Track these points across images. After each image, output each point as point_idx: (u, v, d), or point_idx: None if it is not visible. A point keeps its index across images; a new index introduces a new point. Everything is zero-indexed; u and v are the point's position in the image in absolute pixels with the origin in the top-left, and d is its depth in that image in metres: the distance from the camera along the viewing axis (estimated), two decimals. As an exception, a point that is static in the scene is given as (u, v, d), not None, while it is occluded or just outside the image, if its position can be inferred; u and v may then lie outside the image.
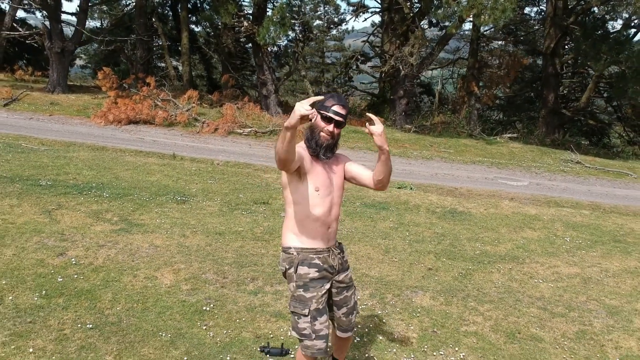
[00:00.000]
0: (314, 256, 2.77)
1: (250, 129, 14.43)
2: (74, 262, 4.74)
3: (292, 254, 2.77)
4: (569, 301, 4.96)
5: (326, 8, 24.60)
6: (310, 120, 2.47)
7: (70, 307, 3.99)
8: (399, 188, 9.33)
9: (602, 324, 4.55)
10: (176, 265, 4.82)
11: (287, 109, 19.29)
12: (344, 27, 28.29)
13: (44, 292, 4.18)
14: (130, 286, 4.40)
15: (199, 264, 4.90)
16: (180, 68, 26.10)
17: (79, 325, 3.73)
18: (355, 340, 3.88)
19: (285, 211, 2.85)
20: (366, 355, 3.74)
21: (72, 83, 19.12)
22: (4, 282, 4.26)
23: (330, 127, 2.67)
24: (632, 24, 16.79)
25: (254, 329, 3.92)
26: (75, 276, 4.49)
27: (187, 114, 14.69)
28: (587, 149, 18.81)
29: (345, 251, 2.98)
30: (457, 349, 3.95)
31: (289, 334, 3.88)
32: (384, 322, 4.23)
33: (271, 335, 3.84)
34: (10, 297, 4.05)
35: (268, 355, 3.58)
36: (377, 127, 2.66)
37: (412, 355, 3.81)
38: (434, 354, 3.86)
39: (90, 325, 3.74)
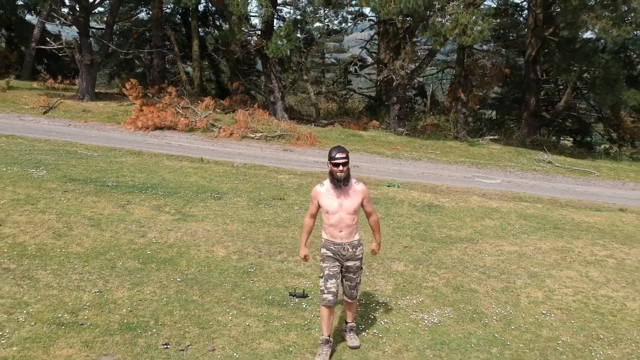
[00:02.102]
0: (331, 245, 4.68)
1: (261, 134, 16.41)
2: (154, 241, 6.75)
3: (323, 241, 4.76)
4: (503, 268, 6.98)
5: (326, 11, 26.48)
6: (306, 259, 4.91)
7: (161, 269, 6.01)
8: (388, 186, 11.31)
9: (522, 283, 6.57)
10: (225, 243, 6.84)
11: (292, 113, 21.26)
12: (342, 29, 30.13)
13: (140, 260, 6.19)
14: (196, 256, 6.42)
15: (241, 243, 6.91)
16: (190, 72, 28.05)
17: (171, 279, 5.75)
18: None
19: None
20: (358, 299, 5.74)
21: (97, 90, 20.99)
22: (112, 254, 6.28)
23: (340, 168, 4.46)
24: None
25: (283, 283, 5.95)
26: (158, 250, 6.50)
27: (206, 121, 16.68)
28: (562, 148, 20.80)
29: (359, 249, 4.74)
30: (418, 296, 5.97)
31: (307, 285, 5.91)
32: (370, 279, 6.24)
33: (295, 286, 5.86)
34: (120, 263, 6.07)
35: (294, 297, 5.59)
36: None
37: (388, 299, 5.83)
38: (402, 298, 5.88)
39: (179, 279, 5.76)
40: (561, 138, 29.91)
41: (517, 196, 12.13)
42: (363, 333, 5.10)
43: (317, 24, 26.83)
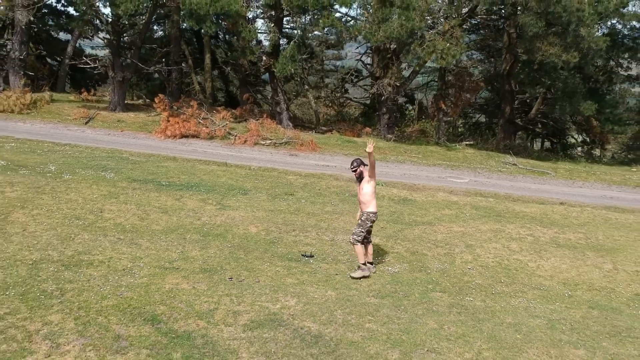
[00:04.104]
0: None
1: (270, 141, 19.44)
2: (207, 222, 9.79)
3: None
4: (449, 241, 10.01)
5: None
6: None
7: (216, 240, 9.03)
8: (374, 185, 14.32)
9: (459, 250, 9.60)
10: (256, 224, 9.87)
11: (296, 121, 24.29)
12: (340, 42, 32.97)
13: (201, 234, 9.22)
14: (237, 232, 9.45)
15: (266, 224, 9.95)
16: (202, 82, 31.05)
17: (224, 246, 8.77)
18: (343, 253, 8.94)
19: None
20: (346, 257, 8.78)
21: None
22: (181, 230, 9.30)
23: (354, 172, 7.88)
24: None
25: (297, 248, 8.98)
26: (211, 228, 9.53)
27: (223, 130, 19.70)
28: (531, 151, 23.83)
29: (363, 216, 7.86)
30: (386, 257, 9.00)
31: (312, 250, 8.93)
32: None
33: (305, 251, 8.87)
34: (188, 236, 9.09)
35: (305, 257, 8.62)
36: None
37: (369, 260, 8.85)
38: (376, 259, 8.90)
39: (229, 245, 8.79)
40: (545, 141, 33.09)
41: (478, 193, 15.15)
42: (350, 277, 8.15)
43: (316, 32, 29.88)
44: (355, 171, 8.04)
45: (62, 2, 28.57)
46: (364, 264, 8.07)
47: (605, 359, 6.24)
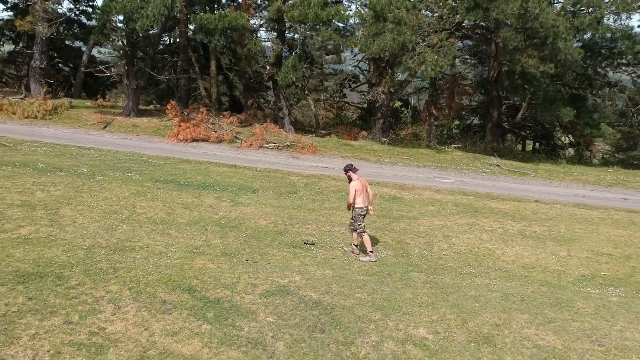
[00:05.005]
0: None
1: (273, 144, 21.17)
2: (223, 216, 11.51)
3: None
4: (429, 233, 11.74)
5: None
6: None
7: (233, 230, 10.75)
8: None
9: (437, 240, 11.33)
10: (265, 218, 11.60)
11: (297, 125, 26.01)
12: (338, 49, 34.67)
13: (219, 226, 10.94)
14: (250, 224, 11.17)
15: (274, 218, 11.68)
16: (207, 88, 32.76)
17: (239, 235, 10.49)
18: (338, 242, 10.68)
19: None
20: (341, 245, 10.51)
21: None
22: (202, 223, 11.02)
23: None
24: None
25: (300, 237, 10.71)
26: (227, 221, 11.26)
27: (230, 134, 21.42)
28: (516, 153, 25.56)
29: (352, 211, 9.71)
30: (375, 245, 10.72)
31: (313, 239, 10.65)
32: (349, 237, 10.98)
33: (307, 240, 10.59)
34: (209, 227, 10.81)
35: (307, 245, 10.34)
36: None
37: (358, 247, 10.59)
38: (366, 246, 10.64)
39: (244, 235, 10.52)
40: (535, 143, 34.87)
41: (461, 191, 16.89)
42: (345, 260, 9.88)
43: (316, 37, 31.61)
44: (345, 174, 9.98)
45: (75, 11, 30.42)
46: (371, 251, 9.83)
47: (544, 321, 7.96)
